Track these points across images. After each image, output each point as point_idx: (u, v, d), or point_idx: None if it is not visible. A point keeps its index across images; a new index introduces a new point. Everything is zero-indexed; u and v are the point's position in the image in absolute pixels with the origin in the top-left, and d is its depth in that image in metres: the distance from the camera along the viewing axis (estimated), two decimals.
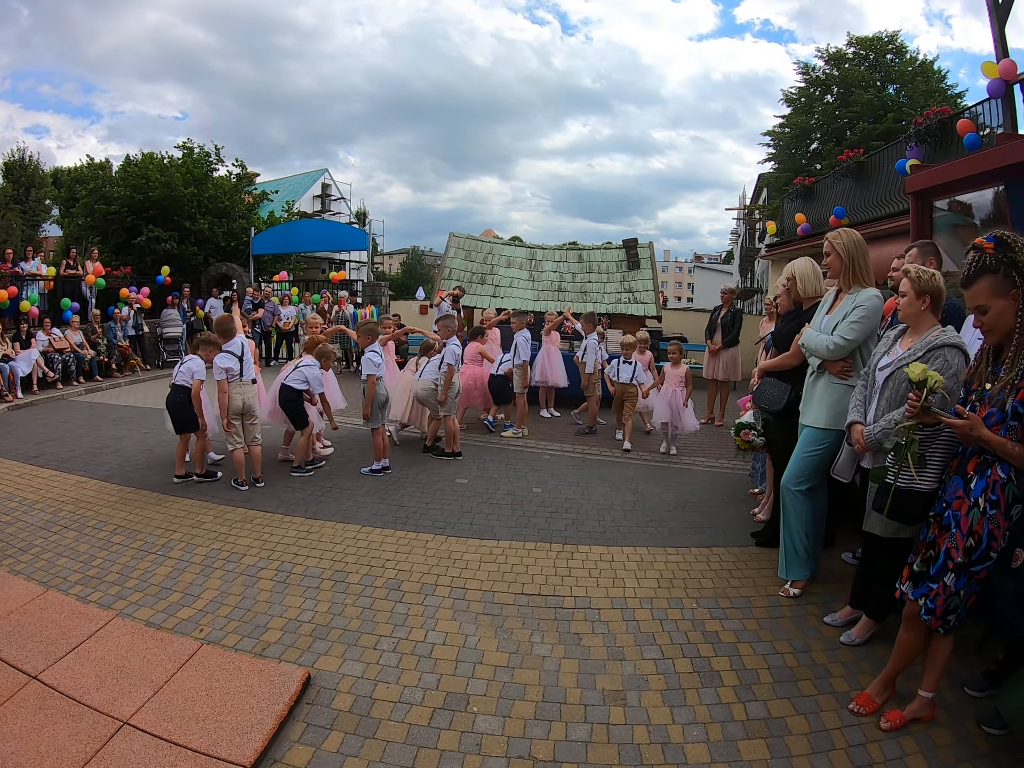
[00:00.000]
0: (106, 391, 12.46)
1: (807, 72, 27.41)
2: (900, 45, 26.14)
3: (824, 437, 4.08)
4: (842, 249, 4.05)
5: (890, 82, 25.86)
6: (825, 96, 26.97)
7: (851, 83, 25.24)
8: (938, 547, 2.90)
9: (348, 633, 3.84)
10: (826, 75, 26.73)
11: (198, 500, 5.97)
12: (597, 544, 5.17)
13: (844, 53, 26.44)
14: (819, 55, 27.18)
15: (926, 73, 25.33)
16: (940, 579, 2.84)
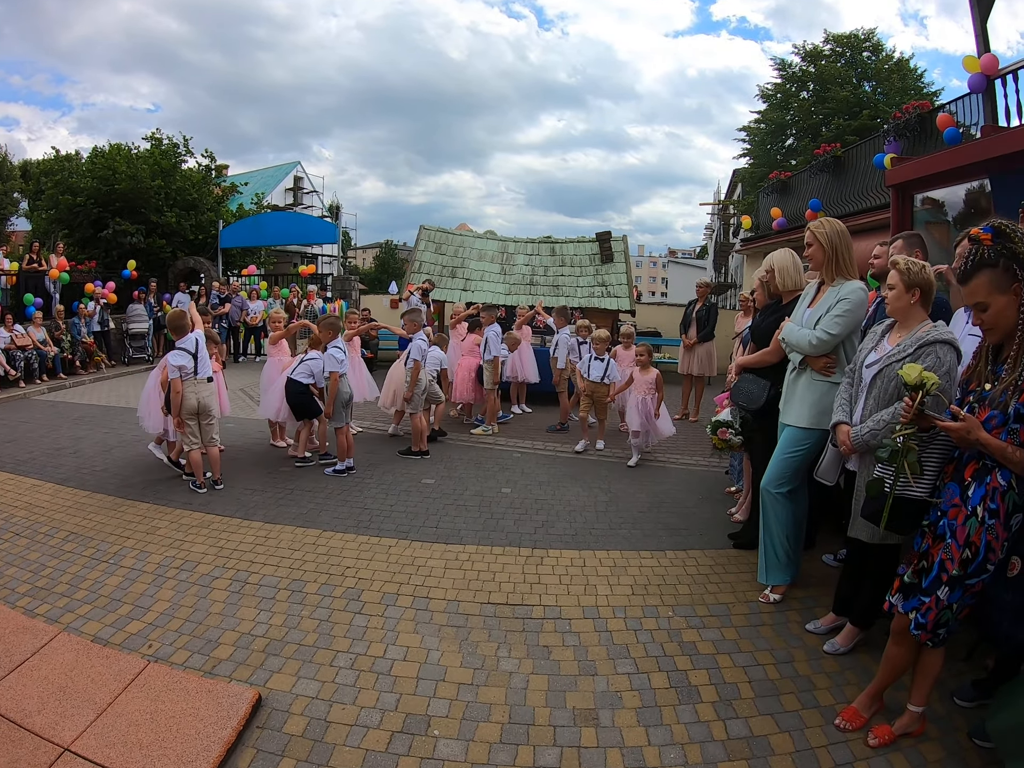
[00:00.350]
0: (70, 389, 12.08)
1: (783, 68, 27.38)
2: (876, 43, 26.21)
3: (806, 437, 3.88)
4: (825, 239, 3.84)
5: (866, 79, 25.92)
6: (801, 92, 26.96)
7: (827, 80, 25.25)
8: (931, 558, 2.69)
9: (303, 648, 3.58)
10: (802, 71, 26.72)
11: (154, 504, 5.69)
12: (568, 548, 4.94)
13: (821, 50, 26.45)
14: (796, 52, 27.21)
15: (902, 71, 25.43)
16: (933, 592, 2.63)
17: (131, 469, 6.68)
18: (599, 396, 7.87)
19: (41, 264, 14.48)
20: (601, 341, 7.89)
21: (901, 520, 2.81)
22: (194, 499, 5.84)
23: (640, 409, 7.21)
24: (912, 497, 2.77)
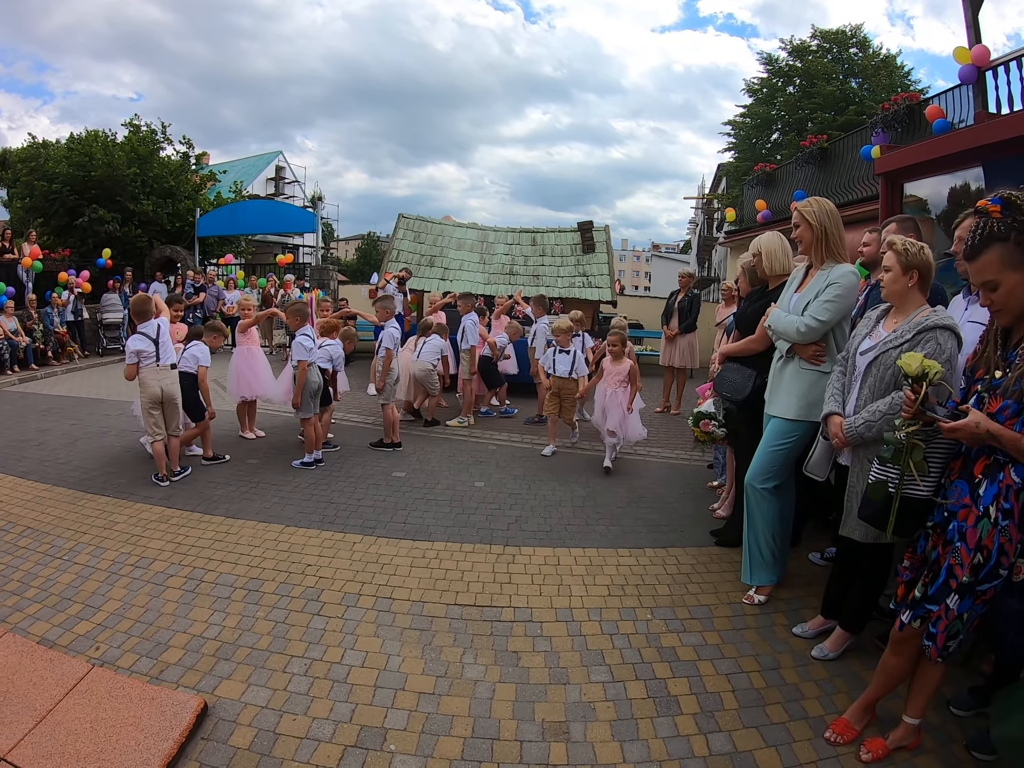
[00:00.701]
0: (41, 380, 11.70)
1: (770, 63, 27.28)
2: (864, 39, 26.20)
3: (793, 429, 3.65)
4: (813, 219, 3.60)
5: (852, 76, 25.91)
6: (787, 87, 26.89)
7: (814, 75, 25.20)
8: (938, 564, 2.45)
9: (256, 653, 3.34)
10: (789, 66, 26.63)
11: (115, 498, 5.43)
12: (542, 545, 4.69)
13: (808, 45, 26.38)
14: (783, 46, 27.12)
15: (889, 67, 25.41)
16: (941, 601, 2.39)
17: (94, 462, 6.43)
18: (567, 393, 7.15)
19: (13, 252, 14.00)
20: (564, 331, 7.17)
21: (905, 523, 2.57)
22: (155, 493, 5.58)
23: (607, 405, 6.57)
24: (917, 497, 2.53)
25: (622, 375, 6.58)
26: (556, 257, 12.35)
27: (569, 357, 7.13)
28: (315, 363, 6.51)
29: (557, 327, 7.22)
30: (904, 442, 2.46)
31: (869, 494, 2.66)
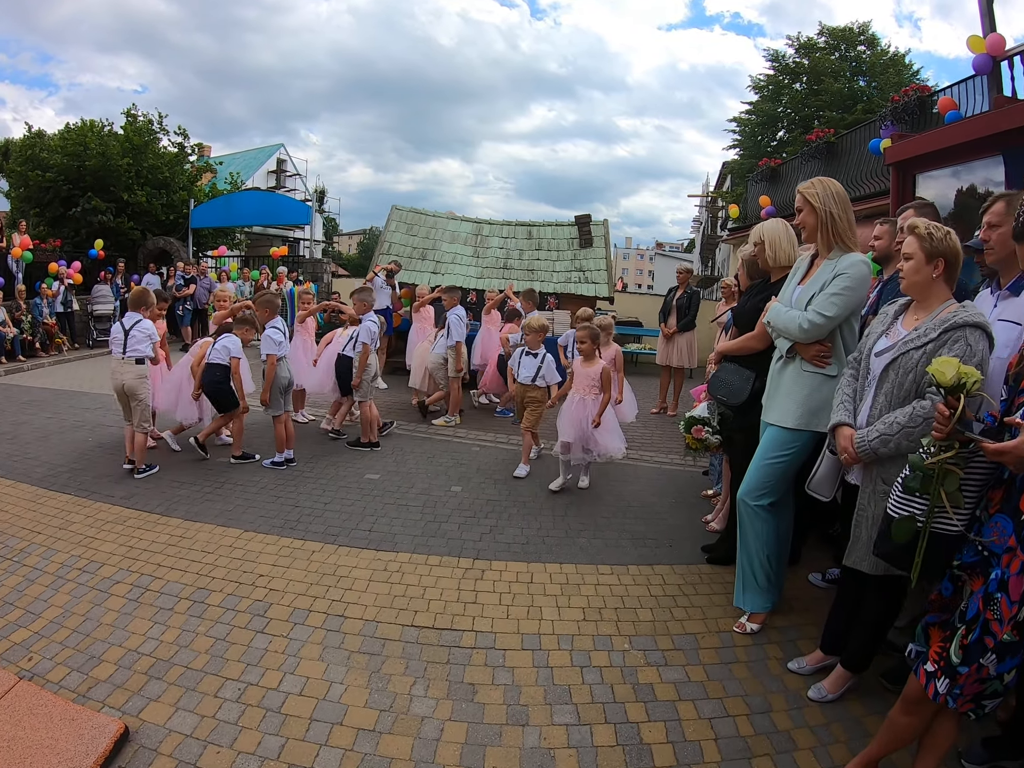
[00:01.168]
0: (27, 372, 11.41)
1: (776, 60, 26.82)
2: (871, 37, 25.72)
3: (792, 439, 3.24)
4: (817, 200, 3.19)
5: (860, 74, 25.45)
6: (794, 84, 26.43)
7: (821, 72, 24.74)
8: (975, 618, 2.03)
9: (190, 673, 3.05)
10: (795, 63, 26.17)
11: (75, 496, 5.20)
12: (516, 559, 4.29)
13: (815, 42, 25.90)
14: (790, 43, 26.63)
15: (897, 66, 24.93)
16: (974, 661, 1.98)
17: (63, 458, 6.16)
18: (529, 402, 6.12)
19: (2, 242, 13.77)
20: (534, 330, 6.16)
21: (933, 565, 2.16)
22: (117, 491, 5.31)
23: (575, 415, 5.58)
24: (948, 534, 2.12)
25: (592, 379, 5.61)
26: (552, 251, 11.95)
27: (535, 361, 6.13)
28: (285, 357, 6.12)
29: (528, 325, 6.23)
30: (935, 468, 2.03)
31: (893, 533, 2.22)
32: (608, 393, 5.58)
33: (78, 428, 7.30)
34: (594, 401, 5.56)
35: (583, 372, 5.66)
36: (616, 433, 5.73)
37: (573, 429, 5.51)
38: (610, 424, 5.68)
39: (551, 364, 6.14)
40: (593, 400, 5.57)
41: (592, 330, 5.71)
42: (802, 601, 3.84)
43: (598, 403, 5.54)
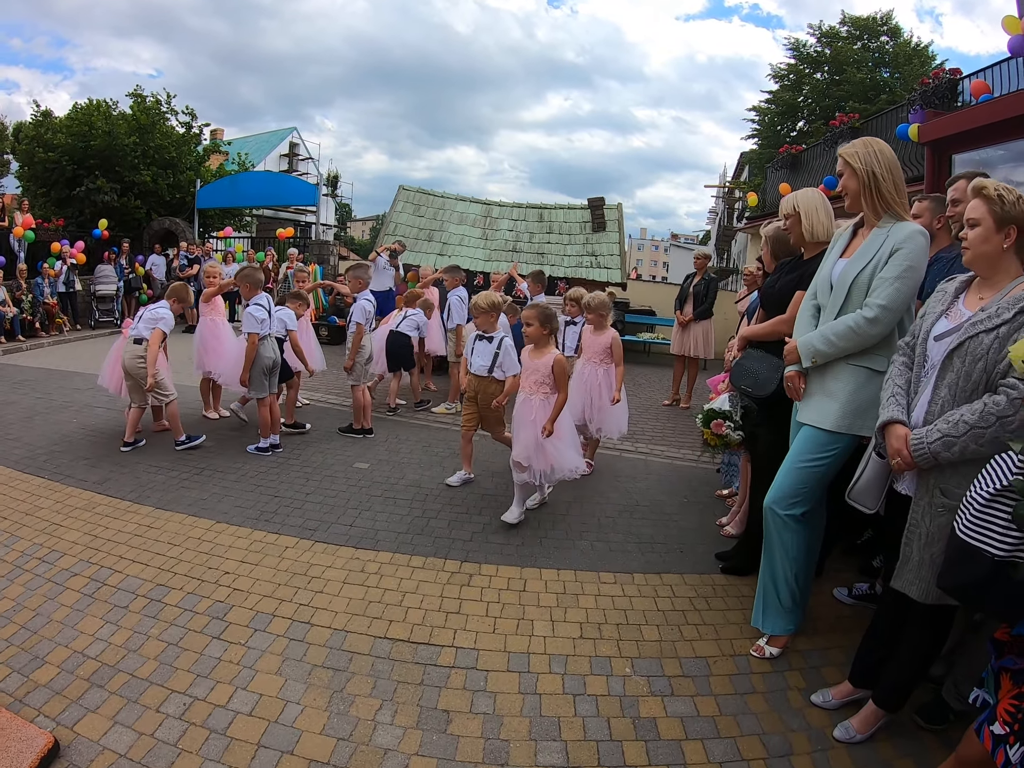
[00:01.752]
0: (26, 352, 11.15)
1: (798, 49, 26.18)
2: (895, 27, 25.12)
3: (832, 442, 2.77)
4: (858, 161, 2.72)
5: (883, 65, 24.81)
6: (815, 74, 25.82)
7: (843, 62, 24.13)
8: None
9: (134, 682, 2.72)
10: (817, 53, 25.54)
11: (49, 480, 4.92)
12: (508, 563, 3.87)
13: (837, 31, 25.26)
14: (811, 32, 26.03)
15: (921, 57, 24.32)
16: None
17: (43, 439, 5.89)
18: (484, 398, 4.91)
19: (3, 221, 13.63)
20: (482, 309, 4.90)
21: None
22: (91, 476, 5.02)
23: (517, 416, 4.57)
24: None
25: (541, 374, 4.49)
26: (564, 235, 11.54)
27: (490, 347, 4.90)
28: (269, 336, 5.72)
29: (475, 303, 4.93)
30: None
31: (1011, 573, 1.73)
32: (563, 393, 4.46)
33: (65, 409, 7.05)
34: (545, 403, 4.49)
35: (530, 364, 4.56)
36: (572, 447, 4.61)
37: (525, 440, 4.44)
38: (565, 434, 4.56)
39: (510, 350, 4.91)
40: (543, 401, 4.49)
41: (541, 310, 4.53)
42: (826, 620, 3.39)
43: (549, 406, 4.46)
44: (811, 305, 2.96)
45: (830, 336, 2.73)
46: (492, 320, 4.94)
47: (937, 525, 2.16)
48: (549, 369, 4.44)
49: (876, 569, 3.79)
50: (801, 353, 2.84)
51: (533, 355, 4.54)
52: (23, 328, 11.89)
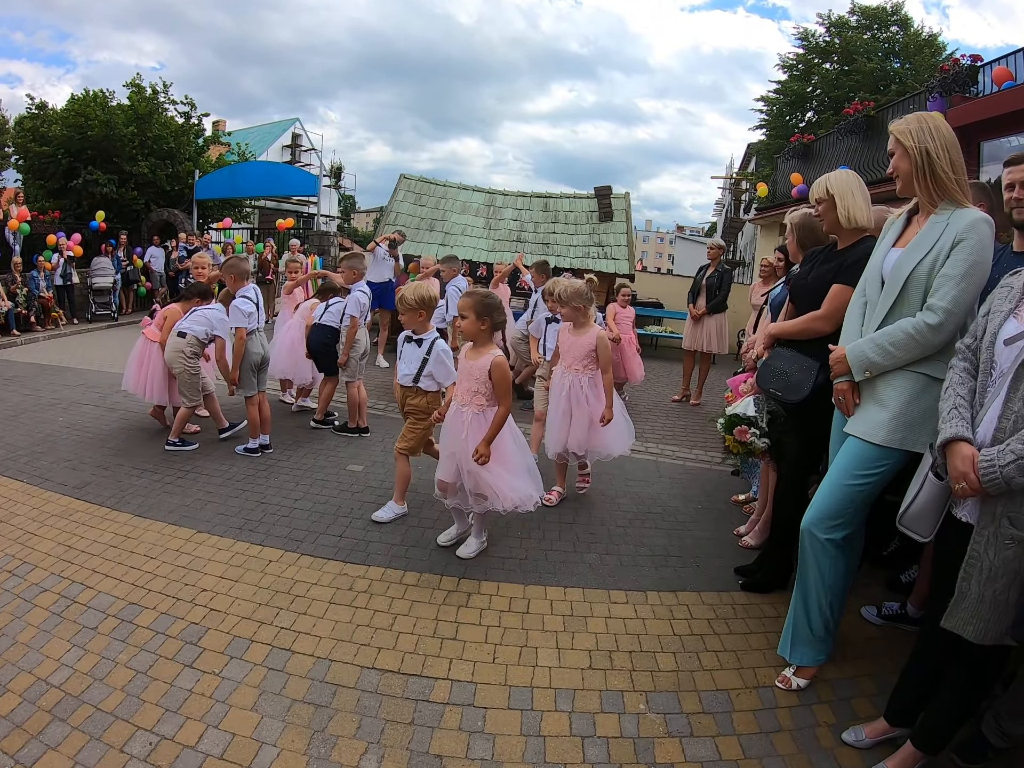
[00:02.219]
0: (21, 347, 10.86)
1: (806, 39, 25.70)
2: (904, 17, 24.59)
3: (882, 457, 2.44)
4: (911, 139, 2.40)
5: (893, 55, 24.32)
6: (824, 64, 25.34)
7: (853, 51, 23.65)
8: None
9: (99, 716, 2.46)
10: (826, 43, 25.05)
11: (28, 484, 4.67)
12: (510, 579, 3.56)
13: (846, 20, 24.79)
14: (820, 21, 25.53)
15: (933, 47, 23.81)
16: None
17: (27, 439, 5.65)
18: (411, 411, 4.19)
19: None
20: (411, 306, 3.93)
21: None
22: (71, 479, 4.77)
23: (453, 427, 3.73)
24: None
25: (476, 379, 3.63)
26: (569, 224, 11.24)
27: (418, 352, 4.08)
28: (257, 330, 5.42)
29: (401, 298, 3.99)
30: None
31: None
32: (504, 405, 3.59)
33: (52, 407, 6.77)
34: (478, 417, 3.63)
35: (464, 366, 3.70)
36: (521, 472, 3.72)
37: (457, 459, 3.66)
38: (509, 457, 3.71)
39: (443, 357, 4.06)
40: (477, 415, 3.63)
41: (480, 299, 3.62)
42: (855, 644, 3.09)
43: (485, 423, 3.61)
44: (860, 303, 2.63)
45: (885, 345, 2.40)
46: (422, 320, 4.04)
47: (1003, 559, 1.86)
48: (486, 373, 3.57)
49: (905, 585, 3.49)
50: (852, 364, 2.51)
51: (469, 355, 3.68)
52: (18, 322, 11.67)
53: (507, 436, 3.69)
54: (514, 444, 3.77)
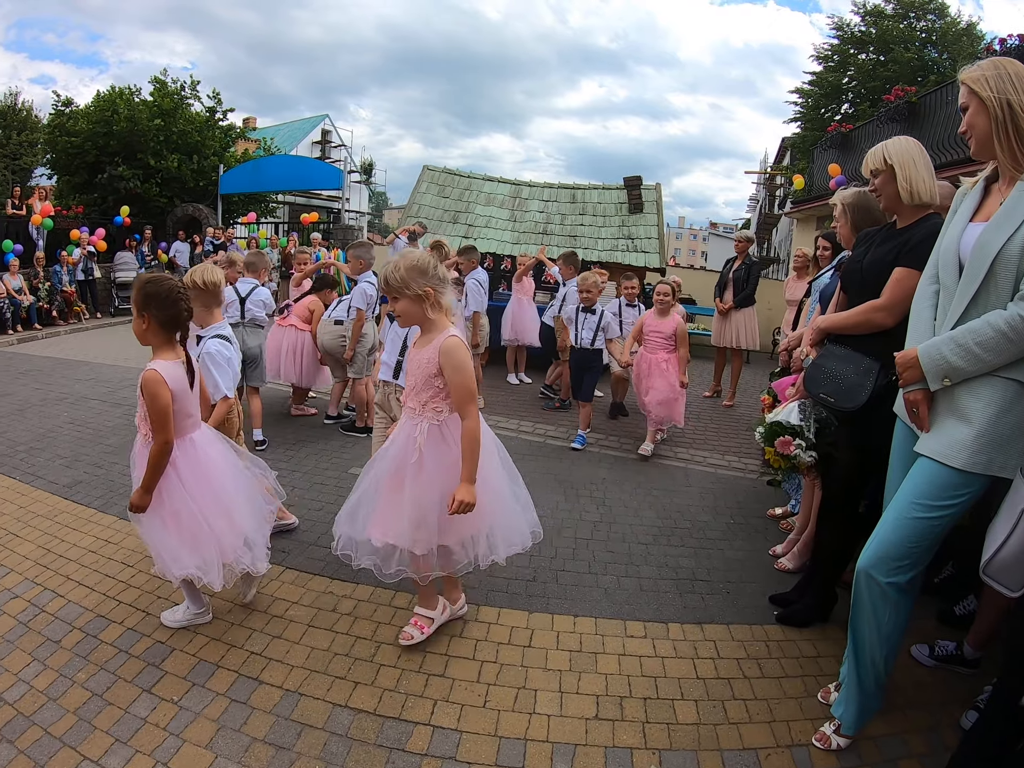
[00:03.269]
0: (41, 340, 10.93)
1: (841, 28, 24.95)
2: (941, 5, 23.77)
3: (963, 484, 1.98)
4: (987, 88, 1.96)
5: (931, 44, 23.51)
6: (860, 55, 24.57)
7: (890, 40, 22.88)
8: None
9: (47, 741, 2.24)
10: (862, 32, 24.28)
11: (20, 481, 4.54)
12: (514, 605, 3.15)
13: (882, 9, 24.01)
14: (856, 10, 24.74)
15: (971, 36, 22.97)
16: None
17: (28, 435, 5.55)
18: None
19: (21, 209, 13.53)
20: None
21: None
22: (62, 478, 4.60)
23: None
24: None
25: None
26: (598, 216, 10.77)
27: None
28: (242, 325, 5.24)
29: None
30: None
31: None
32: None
33: (59, 401, 6.67)
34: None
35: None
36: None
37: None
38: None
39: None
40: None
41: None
42: (903, 690, 2.60)
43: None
44: (931, 292, 2.17)
45: (970, 345, 1.93)
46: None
47: None
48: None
49: (959, 618, 3.03)
50: (927, 370, 2.03)
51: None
52: (40, 316, 11.70)
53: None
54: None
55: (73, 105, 17.44)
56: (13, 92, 28.66)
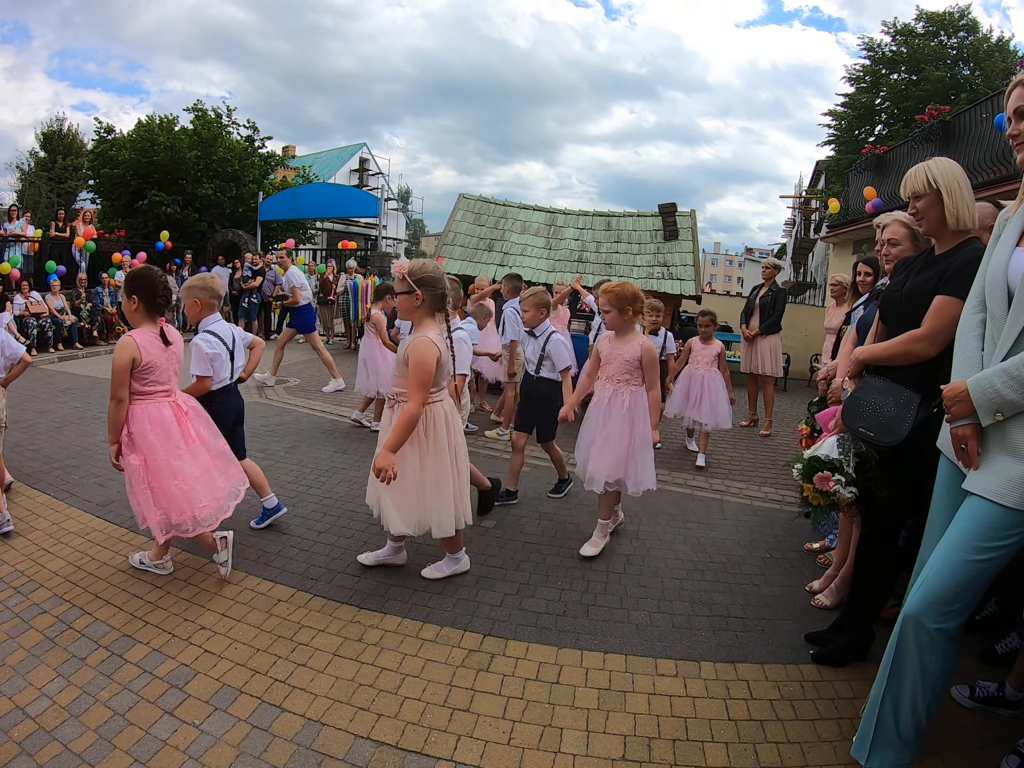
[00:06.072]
0: (81, 360, 11.14)
1: (872, 49, 24.79)
2: (972, 21, 23.58)
3: (1018, 524, 1.88)
4: None
5: (962, 61, 23.23)
6: (892, 75, 24.36)
7: (921, 59, 22.68)
8: None
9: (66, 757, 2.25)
10: (893, 52, 24.09)
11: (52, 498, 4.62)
12: (543, 640, 3.07)
13: (912, 28, 23.84)
14: (885, 30, 24.62)
15: (1003, 51, 22.65)
16: None
17: (64, 451, 5.64)
18: None
19: (65, 232, 13.96)
20: None
21: None
22: (96, 496, 4.65)
23: None
24: None
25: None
26: (633, 244, 10.83)
27: None
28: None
29: None
30: None
31: None
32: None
33: (96, 419, 6.78)
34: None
35: None
36: None
37: None
38: None
39: None
40: None
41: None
42: (942, 733, 2.45)
43: None
44: (978, 321, 2.08)
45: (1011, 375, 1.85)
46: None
47: None
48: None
49: (1001, 656, 2.90)
50: (979, 404, 1.94)
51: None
52: (81, 336, 12.06)
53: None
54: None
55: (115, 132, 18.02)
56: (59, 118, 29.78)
